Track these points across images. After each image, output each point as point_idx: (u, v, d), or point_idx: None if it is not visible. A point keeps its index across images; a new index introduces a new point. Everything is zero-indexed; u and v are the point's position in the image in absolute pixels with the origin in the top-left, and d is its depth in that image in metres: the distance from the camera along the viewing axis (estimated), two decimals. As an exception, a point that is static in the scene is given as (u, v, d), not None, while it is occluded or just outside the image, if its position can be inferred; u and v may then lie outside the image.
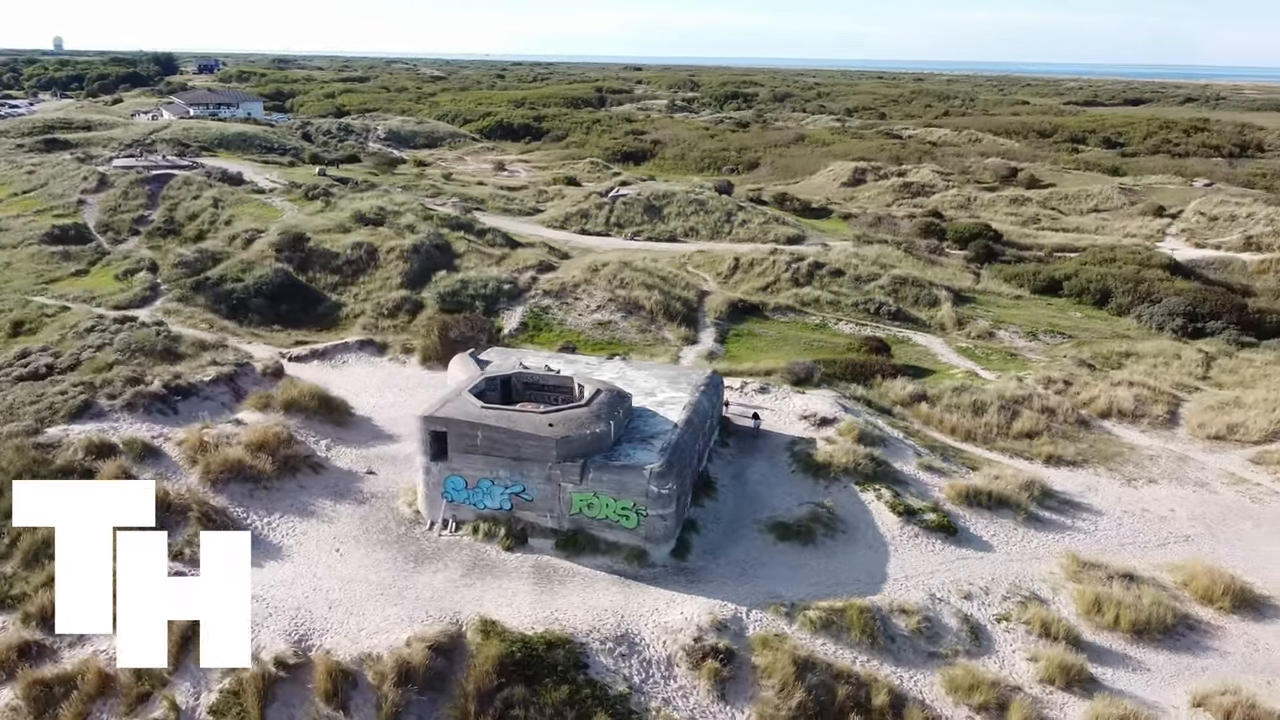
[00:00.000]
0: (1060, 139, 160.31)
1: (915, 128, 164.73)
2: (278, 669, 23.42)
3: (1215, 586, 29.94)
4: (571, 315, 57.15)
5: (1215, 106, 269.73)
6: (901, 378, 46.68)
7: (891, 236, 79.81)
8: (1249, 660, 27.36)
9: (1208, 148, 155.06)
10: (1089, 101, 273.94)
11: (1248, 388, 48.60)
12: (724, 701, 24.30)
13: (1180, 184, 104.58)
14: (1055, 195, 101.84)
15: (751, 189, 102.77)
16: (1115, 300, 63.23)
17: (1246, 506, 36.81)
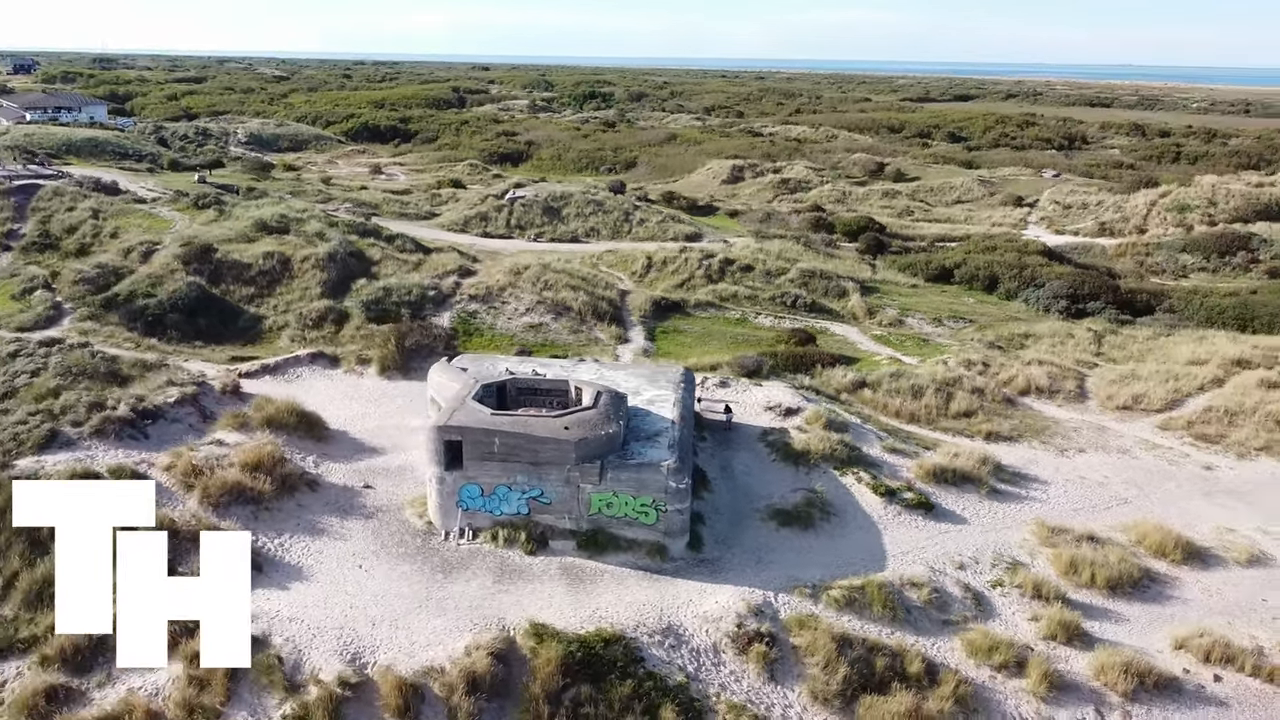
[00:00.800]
0: (909, 134, 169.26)
1: (774, 125, 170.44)
2: (342, 689, 23.09)
3: (1166, 542, 33.24)
4: (501, 319, 57.02)
5: (1035, 101, 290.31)
6: (839, 366, 49.05)
7: (785, 232, 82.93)
8: (1207, 605, 30.58)
9: (1041, 140, 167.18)
10: (922, 98, 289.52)
11: (1138, 361, 53.47)
12: (774, 683, 25.49)
13: (1031, 175, 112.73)
14: (922, 188, 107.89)
15: (634, 188, 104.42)
16: (1003, 286, 67.99)
17: (1165, 469, 40.75)
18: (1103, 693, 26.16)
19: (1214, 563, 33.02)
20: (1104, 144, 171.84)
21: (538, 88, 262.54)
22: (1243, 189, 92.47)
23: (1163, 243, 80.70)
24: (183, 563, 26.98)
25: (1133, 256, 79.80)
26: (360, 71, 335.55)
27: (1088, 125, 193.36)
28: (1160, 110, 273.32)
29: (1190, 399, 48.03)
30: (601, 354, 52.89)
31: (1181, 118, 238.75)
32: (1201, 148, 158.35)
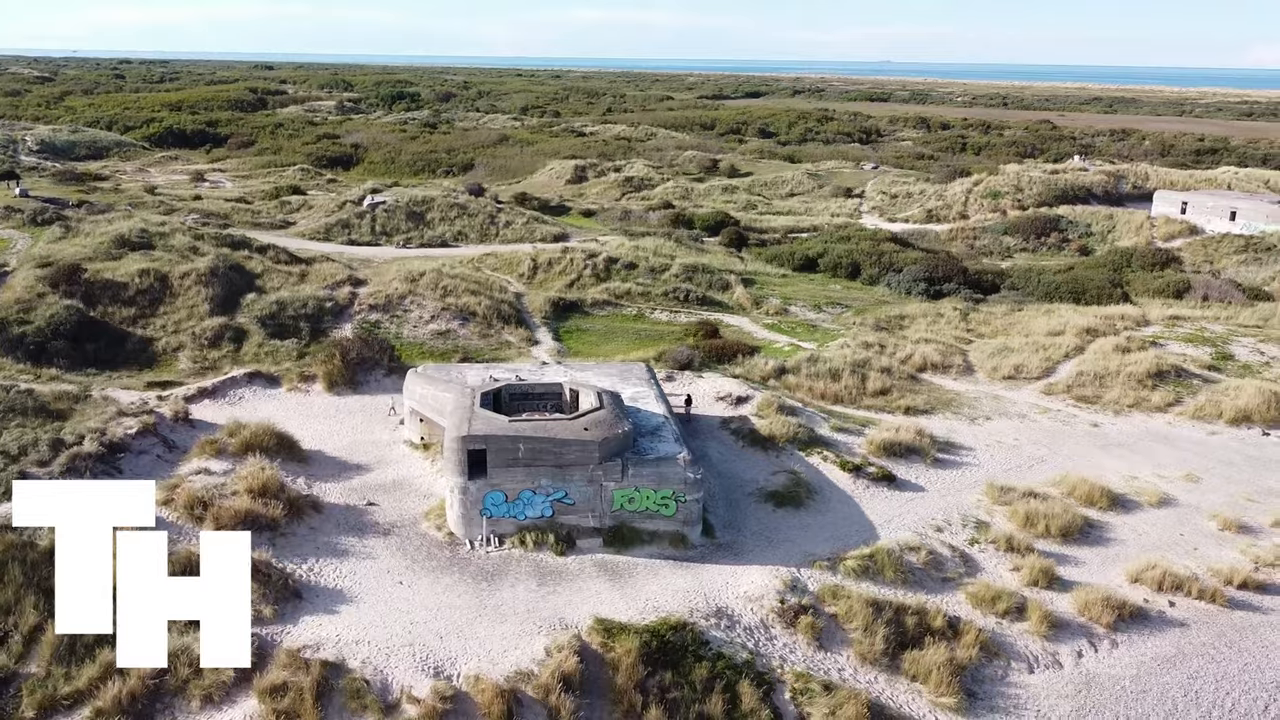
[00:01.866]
0: (722, 130, 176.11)
1: (593, 124, 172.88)
2: (441, 703, 23.08)
3: (1093, 493, 37.72)
4: (406, 328, 56.04)
5: (821, 97, 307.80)
6: (758, 355, 51.69)
7: (648, 229, 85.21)
8: (1139, 543, 35.07)
9: (842, 134, 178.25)
10: (716, 95, 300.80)
11: (1005, 335, 59.28)
12: (824, 650, 27.44)
13: (852, 168, 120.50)
14: (757, 183, 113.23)
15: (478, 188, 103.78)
16: (865, 272, 73.07)
17: (1061, 429, 45.83)
18: (1090, 626, 29.75)
19: (1133, 507, 37.78)
20: (896, 136, 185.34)
21: (335, 88, 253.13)
22: (1041, 176, 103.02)
23: (987, 227, 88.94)
24: (219, 598, 25.86)
25: (963, 240, 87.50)
26: (133, 71, 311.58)
27: (878, 119, 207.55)
28: (931, 104, 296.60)
29: (1061, 366, 53.92)
30: (517, 356, 53.18)
31: (951, 111, 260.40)
32: (981, 139, 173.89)
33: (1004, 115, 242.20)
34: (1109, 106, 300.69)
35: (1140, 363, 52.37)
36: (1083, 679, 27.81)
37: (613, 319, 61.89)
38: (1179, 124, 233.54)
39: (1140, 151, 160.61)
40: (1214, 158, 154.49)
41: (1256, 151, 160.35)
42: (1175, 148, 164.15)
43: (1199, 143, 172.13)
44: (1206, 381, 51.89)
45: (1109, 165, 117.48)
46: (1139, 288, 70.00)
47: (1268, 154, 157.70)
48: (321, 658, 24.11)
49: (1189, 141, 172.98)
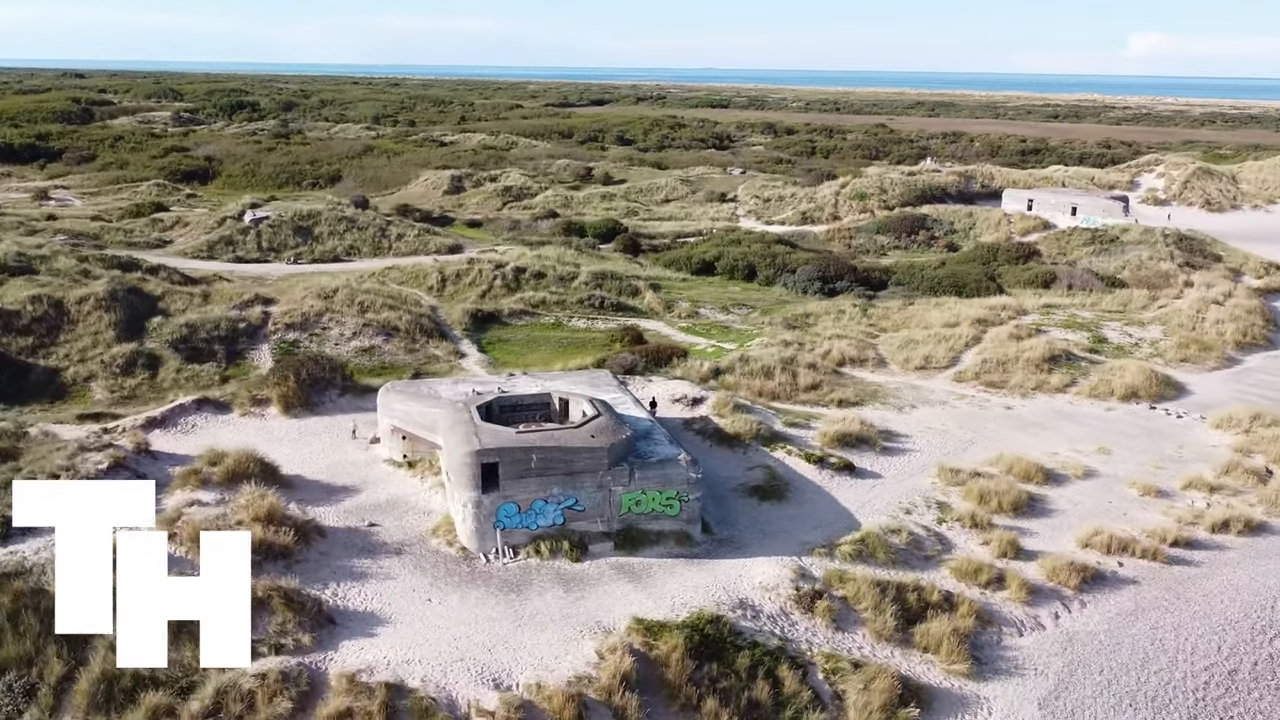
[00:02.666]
0: (580, 138, 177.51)
1: (452, 134, 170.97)
2: (513, 713, 23.33)
3: (1029, 469, 41.03)
4: (327, 346, 54.65)
5: (664, 104, 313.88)
6: (690, 358, 53.22)
7: (541, 238, 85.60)
8: (1077, 512, 38.46)
9: (697, 140, 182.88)
10: (563, 103, 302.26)
11: (906, 329, 63.07)
12: (842, 631, 29.10)
13: (721, 173, 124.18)
14: (632, 190, 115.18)
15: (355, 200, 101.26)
16: (762, 273, 75.94)
17: (980, 413, 49.43)
18: (1060, 590, 32.61)
19: (1063, 480, 41.34)
20: (746, 142, 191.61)
21: (165, 97, 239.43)
22: (901, 178, 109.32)
23: (861, 227, 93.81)
24: (255, 630, 25.15)
25: (840, 240, 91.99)
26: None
27: (725, 125, 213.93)
28: (769, 109, 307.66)
29: (964, 355, 57.96)
30: (449, 370, 52.85)
31: (789, 116, 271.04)
32: (828, 143, 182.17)
33: (840, 120, 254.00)
34: (931, 110, 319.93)
35: (1035, 348, 56.95)
36: (1065, 637, 30.53)
37: (532, 328, 62.17)
38: (997, 126, 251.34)
39: (973, 152, 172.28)
40: (1038, 157, 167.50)
41: (1073, 151, 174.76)
42: (1003, 148, 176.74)
43: (1022, 143, 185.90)
44: (1092, 363, 56.97)
45: (959, 166, 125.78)
46: (1010, 280, 75.71)
47: (1083, 153, 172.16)
48: (381, 680, 23.87)
49: (1013, 143, 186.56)
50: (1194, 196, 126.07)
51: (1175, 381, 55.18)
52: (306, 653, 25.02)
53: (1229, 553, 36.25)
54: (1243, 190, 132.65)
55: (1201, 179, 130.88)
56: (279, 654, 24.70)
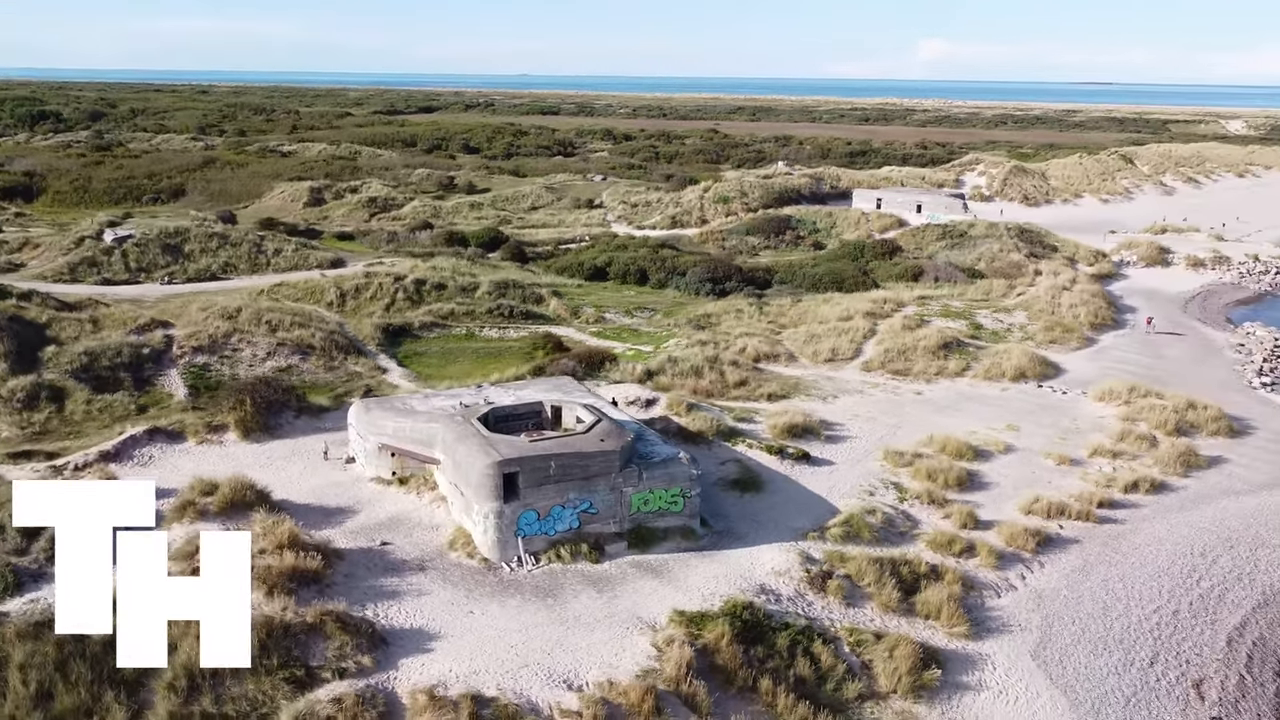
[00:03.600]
0: (425, 147, 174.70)
1: (289, 143, 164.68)
2: (596, 710, 24.04)
3: (960, 448, 44.65)
4: (241, 368, 52.47)
5: (493, 112, 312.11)
6: (620, 362, 54.40)
7: (423, 249, 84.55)
8: (1009, 483, 42.23)
9: (542, 148, 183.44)
10: (392, 110, 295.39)
11: (805, 324, 66.44)
12: (853, 606, 31.22)
13: (581, 180, 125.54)
14: (498, 198, 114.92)
15: (202, 217, 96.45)
16: (654, 277, 77.90)
17: (895, 399, 53.03)
18: (1019, 554, 35.98)
19: (989, 456, 45.18)
20: (589, 149, 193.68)
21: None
22: (759, 181, 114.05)
23: (732, 229, 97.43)
24: (313, 656, 24.80)
25: (714, 242, 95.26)
26: None
27: (567, 131, 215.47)
28: (599, 116, 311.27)
29: (865, 346, 61.75)
30: (379, 387, 51.95)
31: (621, 122, 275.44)
32: (669, 148, 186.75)
33: (671, 125, 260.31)
34: (753, 115, 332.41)
35: (929, 337, 61.42)
36: (1035, 596, 33.83)
37: (446, 340, 61.64)
38: (817, 129, 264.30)
39: (804, 155, 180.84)
40: (864, 159, 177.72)
41: (895, 152, 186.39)
42: (832, 151, 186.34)
43: (848, 146, 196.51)
44: (979, 349, 62.02)
45: (809, 169, 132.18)
46: (882, 274, 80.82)
47: (905, 154, 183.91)
48: (459, 692, 24.04)
49: (840, 145, 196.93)
50: (1014, 192, 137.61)
51: (1051, 362, 60.87)
52: (370, 674, 24.81)
53: (1143, 510, 40.88)
54: (1053, 185, 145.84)
55: (1018, 176, 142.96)
56: (344, 678, 24.43)
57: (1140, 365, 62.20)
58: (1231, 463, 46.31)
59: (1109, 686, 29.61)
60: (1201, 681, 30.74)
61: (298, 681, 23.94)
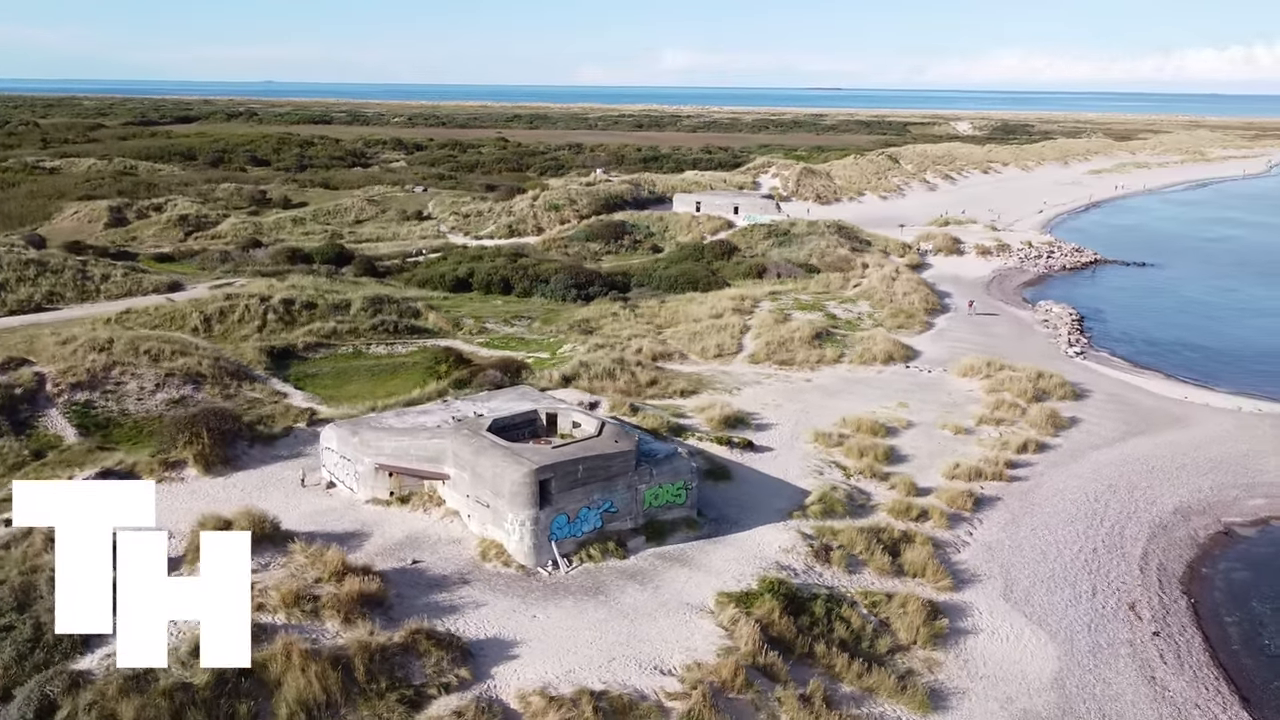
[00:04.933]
0: (208, 159, 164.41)
1: (50, 159, 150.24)
2: (697, 689, 25.56)
3: (874, 426, 49.00)
4: (129, 403, 49.20)
5: (259, 120, 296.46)
6: (536, 369, 55.20)
7: (265, 268, 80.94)
8: (924, 453, 46.90)
9: (335, 159, 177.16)
10: (144, 120, 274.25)
11: (682, 323, 69.51)
12: (854, 573, 34.30)
13: (402, 191, 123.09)
14: (320, 212, 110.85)
15: None
16: (518, 286, 78.50)
17: (791, 387, 56.95)
18: (961, 513, 40.45)
19: (896, 431, 49.84)
20: (382, 159, 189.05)
21: None
22: (582, 188, 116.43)
23: (573, 235, 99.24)
24: (414, 675, 24.83)
25: (557, 249, 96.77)
26: None
27: (349, 142, 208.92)
28: (374, 125, 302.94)
29: (745, 341, 65.59)
30: (285, 412, 50.05)
31: (401, 131, 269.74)
32: (467, 157, 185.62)
33: (458, 134, 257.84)
34: (531, 123, 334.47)
35: (801, 329, 66.14)
36: (986, 548, 38.28)
37: (336, 360, 59.91)
38: (598, 136, 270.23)
39: (601, 161, 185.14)
40: (658, 164, 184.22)
41: (686, 157, 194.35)
42: (626, 158, 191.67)
43: (639, 152, 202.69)
44: (844, 337, 67.41)
45: (627, 176, 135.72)
46: (729, 274, 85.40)
47: (695, 158, 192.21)
48: (571, 690, 24.88)
49: (631, 151, 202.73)
50: (808, 192, 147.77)
51: (906, 345, 67.14)
52: (471, 686, 25.13)
53: (1037, 467, 46.70)
54: (838, 185, 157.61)
55: (809, 177, 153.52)
56: (450, 693, 24.63)
57: (977, 343, 69.73)
58: (1085, 421, 53.44)
59: (1071, 617, 34.22)
60: (1134, 604, 36.08)
61: (410, 702, 23.95)
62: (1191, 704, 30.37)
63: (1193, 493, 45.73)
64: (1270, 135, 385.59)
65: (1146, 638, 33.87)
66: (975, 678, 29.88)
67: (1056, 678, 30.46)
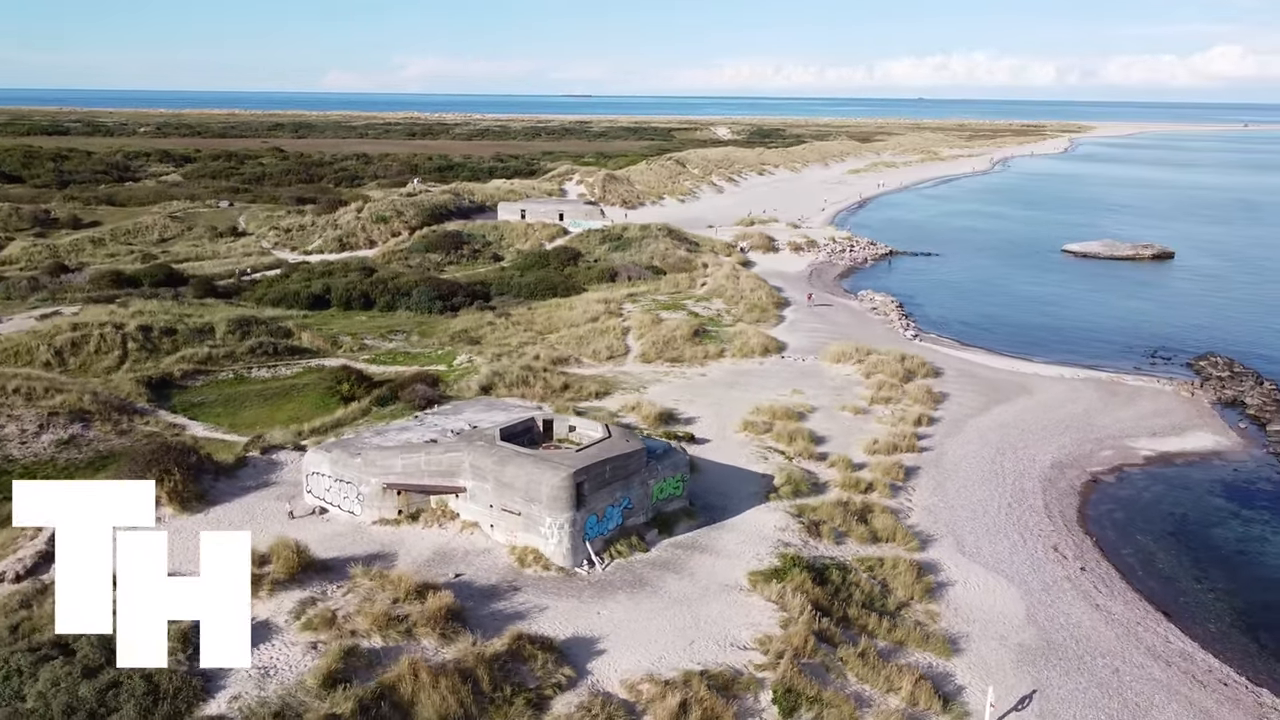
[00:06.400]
0: None
1: None
2: (779, 657, 27.70)
3: (788, 412, 52.62)
4: (13, 447, 44.86)
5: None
6: (452, 380, 54.89)
7: (87, 293, 74.69)
8: (837, 433, 51.00)
9: (97, 172, 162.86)
10: None
11: (559, 329, 70.71)
12: (840, 543, 37.50)
13: (207, 208, 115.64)
14: (119, 231, 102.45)
15: None
16: (380, 300, 76.69)
17: (690, 383, 59.81)
18: (895, 483, 44.76)
19: (805, 416, 53.77)
20: (151, 172, 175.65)
21: None
22: (403, 199, 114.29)
23: (411, 247, 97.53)
24: (526, 679, 25.43)
25: (397, 260, 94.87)
26: None
27: (108, 154, 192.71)
28: (119, 136, 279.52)
29: (630, 342, 67.82)
30: (193, 444, 47.43)
31: (151, 142, 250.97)
32: (248, 168, 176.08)
33: (224, 144, 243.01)
34: (296, 132, 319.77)
35: (680, 328, 69.21)
36: (928, 511, 42.67)
37: (219, 386, 56.71)
38: (386, 145, 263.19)
39: (394, 171, 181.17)
40: (453, 172, 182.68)
41: (482, 165, 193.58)
42: (420, 167, 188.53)
43: (430, 160, 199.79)
44: (718, 333, 71.11)
45: (446, 185, 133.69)
46: (582, 279, 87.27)
47: (491, 167, 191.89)
48: (675, 673, 26.32)
49: (424, 160, 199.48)
50: (614, 198, 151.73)
51: (772, 337, 71.79)
52: (578, 682, 25.98)
53: (935, 437, 52.06)
54: (639, 190, 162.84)
55: (612, 183, 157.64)
56: (563, 690, 25.42)
57: (829, 331, 75.56)
58: (952, 395, 59.80)
59: (1016, 563, 39.03)
60: (1056, 546, 41.55)
61: (535, 704, 24.55)
62: (1134, 623, 35.69)
63: (1059, 449, 52.55)
64: (982, 135, 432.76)
65: (1077, 573, 39.21)
66: (969, 622, 33.71)
67: (1029, 615, 34.86)
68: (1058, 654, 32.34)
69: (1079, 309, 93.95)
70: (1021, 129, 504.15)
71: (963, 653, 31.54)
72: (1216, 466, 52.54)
